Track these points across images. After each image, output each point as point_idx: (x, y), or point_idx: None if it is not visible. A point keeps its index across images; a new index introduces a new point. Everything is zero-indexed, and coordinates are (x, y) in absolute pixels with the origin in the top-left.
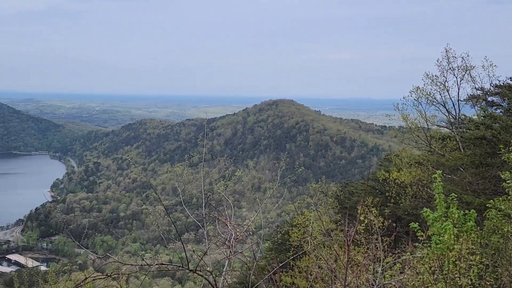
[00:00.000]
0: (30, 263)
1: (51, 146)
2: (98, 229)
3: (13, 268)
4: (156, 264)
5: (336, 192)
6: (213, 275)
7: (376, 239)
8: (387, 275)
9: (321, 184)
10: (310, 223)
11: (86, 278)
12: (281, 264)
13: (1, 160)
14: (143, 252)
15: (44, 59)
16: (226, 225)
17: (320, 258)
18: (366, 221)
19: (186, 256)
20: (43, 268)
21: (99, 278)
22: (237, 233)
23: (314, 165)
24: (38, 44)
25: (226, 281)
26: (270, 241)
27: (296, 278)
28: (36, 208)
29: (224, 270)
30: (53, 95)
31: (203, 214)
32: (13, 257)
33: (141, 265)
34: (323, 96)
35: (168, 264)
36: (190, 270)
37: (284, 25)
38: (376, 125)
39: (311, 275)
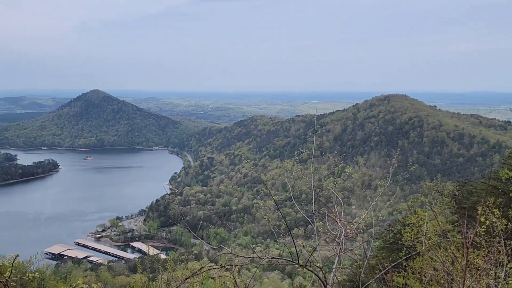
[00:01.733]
0: (152, 251)
1: (170, 142)
2: (212, 221)
3: (136, 255)
4: (267, 258)
5: (453, 191)
6: (323, 271)
7: (499, 242)
8: (511, 281)
9: (436, 182)
10: (424, 222)
11: (202, 268)
12: (393, 264)
13: (126, 154)
14: (254, 245)
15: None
16: (336, 222)
17: (436, 260)
18: (487, 223)
19: (296, 251)
20: (162, 256)
21: (213, 268)
22: (348, 230)
23: (429, 163)
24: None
25: (336, 278)
26: (381, 240)
27: (409, 279)
28: (157, 199)
29: (334, 266)
30: (172, 93)
31: (312, 210)
32: (136, 244)
33: (253, 257)
34: (439, 90)
35: (278, 258)
36: (300, 265)
37: (400, 18)
38: (498, 120)
39: (425, 276)
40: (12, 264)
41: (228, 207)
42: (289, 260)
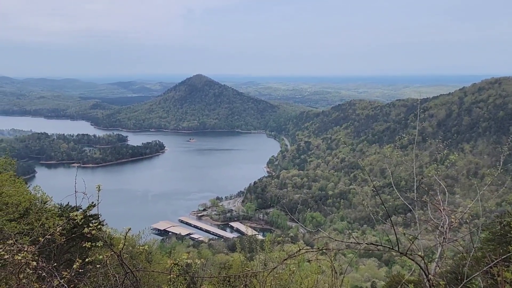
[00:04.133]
0: (250, 231)
1: (268, 126)
2: (308, 205)
3: (234, 234)
4: (366, 243)
5: None
6: (425, 261)
7: None
8: None
9: None
10: None
11: (299, 250)
12: (502, 257)
13: (226, 137)
14: (350, 230)
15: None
16: (440, 210)
17: None
18: None
19: (397, 239)
20: (259, 237)
21: (311, 251)
22: (452, 220)
23: None
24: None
25: (439, 268)
26: (489, 231)
27: None
28: (254, 182)
29: (437, 256)
30: (271, 78)
31: (414, 198)
32: (235, 224)
33: (351, 242)
34: None
35: (378, 245)
36: (401, 253)
37: None
38: None
39: None
40: (125, 236)
41: (324, 191)
42: (389, 247)
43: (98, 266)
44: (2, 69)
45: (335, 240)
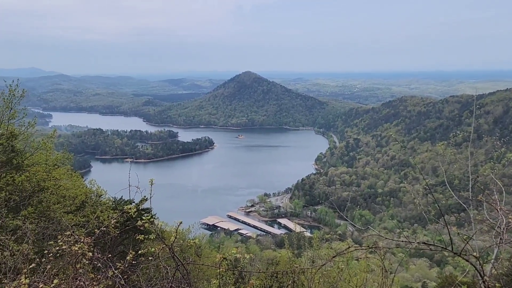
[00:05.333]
0: (298, 228)
1: (316, 122)
2: (357, 203)
3: (282, 231)
4: (418, 242)
5: None
6: (480, 262)
7: None
8: None
9: None
10: None
11: (349, 247)
12: None
13: (274, 134)
14: (400, 230)
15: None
16: (496, 210)
17: None
18: None
19: (450, 238)
20: (307, 234)
21: (360, 249)
22: (509, 220)
23: None
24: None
25: (495, 270)
26: None
27: None
28: (302, 178)
29: (492, 258)
30: (319, 74)
31: (469, 197)
32: (282, 221)
33: (402, 241)
34: None
35: (430, 244)
36: (455, 253)
37: None
38: None
39: None
40: (176, 230)
41: (374, 189)
42: (442, 247)
43: (150, 258)
44: (61, 67)
45: (385, 238)
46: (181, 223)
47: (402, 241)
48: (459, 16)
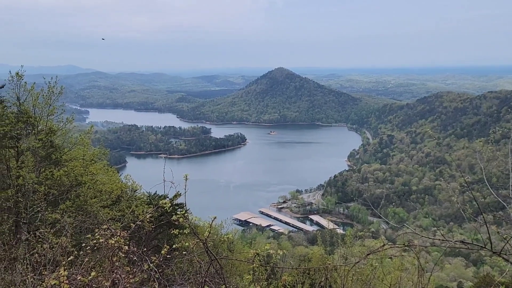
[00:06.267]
0: (330, 225)
1: (349, 119)
2: (390, 200)
3: (314, 228)
4: (455, 241)
5: None
6: None
7: None
8: None
9: None
10: None
11: (383, 245)
12: None
13: (306, 130)
14: (435, 228)
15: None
16: None
17: None
18: None
19: (489, 237)
20: (339, 231)
21: (396, 247)
22: None
23: None
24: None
25: None
26: None
27: None
28: (335, 175)
29: None
30: (352, 70)
31: (509, 195)
32: (315, 217)
33: (438, 239)
34: None
35: (468, 243)
36: (494, 252)
37: None
38: None
39: None
40: (210, 225)
41: (408, 186)
42: (481, 246)
43: (184, 252)
44: (97, 64)
45: (421, 236)
46: (215, 218)
47: (438, 240)
48: (500, 8)
